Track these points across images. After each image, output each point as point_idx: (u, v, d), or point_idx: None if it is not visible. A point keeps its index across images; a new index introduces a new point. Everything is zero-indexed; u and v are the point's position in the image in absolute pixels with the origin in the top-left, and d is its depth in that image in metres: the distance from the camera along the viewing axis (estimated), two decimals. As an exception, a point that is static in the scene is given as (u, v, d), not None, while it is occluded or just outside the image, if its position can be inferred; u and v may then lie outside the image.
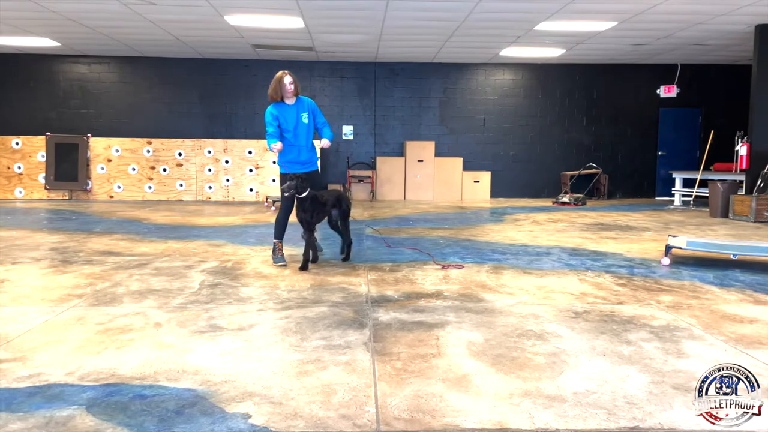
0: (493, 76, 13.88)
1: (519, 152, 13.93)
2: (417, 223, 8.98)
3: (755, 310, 4.17)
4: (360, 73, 13.67)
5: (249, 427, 2.37)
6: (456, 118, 13.85)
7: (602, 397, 2.66)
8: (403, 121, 13.84)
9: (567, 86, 13.88)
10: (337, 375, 2.90)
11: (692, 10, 8.90)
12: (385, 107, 13.80)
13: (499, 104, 13.88)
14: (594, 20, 9.58)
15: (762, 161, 9.96)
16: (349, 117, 13.80)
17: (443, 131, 13.84)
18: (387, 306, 4.19)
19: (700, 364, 3.08)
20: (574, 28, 10.13)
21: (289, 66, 13.51)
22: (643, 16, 9.19)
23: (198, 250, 6.44)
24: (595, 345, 3.39)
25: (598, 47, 11.78)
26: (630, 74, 13.67)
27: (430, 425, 2.39)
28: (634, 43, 11.39)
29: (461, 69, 13.75)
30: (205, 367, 2.99)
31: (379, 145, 13.86)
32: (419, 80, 13.75)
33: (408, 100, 13.81)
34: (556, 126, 13.97)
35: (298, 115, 5.82)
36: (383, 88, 13.76)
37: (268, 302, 4.28)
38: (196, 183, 12.70)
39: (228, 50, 12.47)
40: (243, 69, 13.49)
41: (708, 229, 8.45)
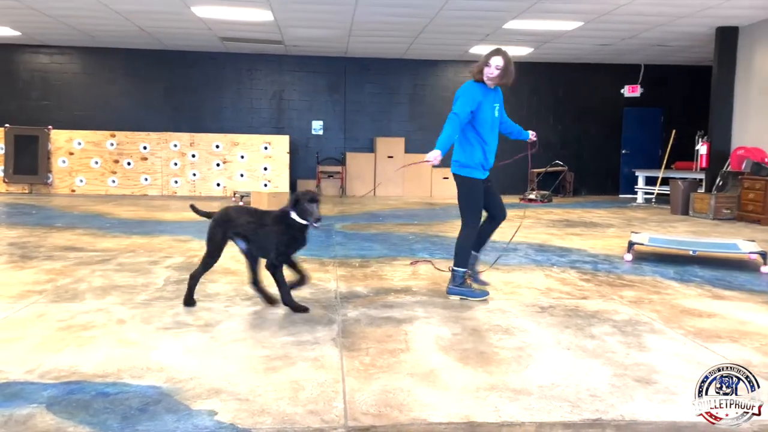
0: (463, 74, 13.95)
1: (487, 149, 14.04)
2: (386, 219, 8.99)
3: (713, 304, 4.30)
4: (330, 67, 13.60)
5: (215, 424, 2.34)
6: (426, 114, 13.90)
7: (566, 390, 2.72)
8: (374, 117, 13.83)
9: (534, 85, 14.05)
10: (305, 371, 2.89)
11: (656, 12, 9.10)
12: (355, 103, 13.77)
13: (468, 101, 13.96)
14: (561, 20, 9.72)
15: (721, 160, 10.27)
16: (318, 112, 13.73)
17: (413, 127, 13.87)
18: (356, 302, 4.19)
19: (661, 358, 3.16)
20: (542, 28, 10.26)
21: (258, 59, 13.39)
22: (608, 16, 9.36)
23: (163, 246, 6.33)
24: (560, 339, 3.45)
25: (565, 47, 11.96)
26: (595, 74, 13.91)
27: (398, 420, 2.40)
28: (600, 43, 11.59)
29: (431, 65, 13.80)
30: (170, 364, 2.95)
31: (349, 141, 13.82)
32: (389, 76, 13.76)
33: (378, 96, 13.80)
34: (524, 124, 13.82)
35: (492, 105, 4.45)
36: (353, 84, 13.72)
37: (235, 298, 4.24)
38: (161, 177, 12.47)
39: (195, 42, 12.26)
40: (211, 62, 13.29)
41: (669, 226, 8.67)
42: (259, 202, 9.93)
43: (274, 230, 3.83)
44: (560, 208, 11.07)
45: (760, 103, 9.77)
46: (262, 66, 13.48)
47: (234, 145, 12.58)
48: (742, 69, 10.15)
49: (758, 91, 9.82)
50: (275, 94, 13.62)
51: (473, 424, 2.38)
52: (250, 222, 3.89)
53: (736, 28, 10.10)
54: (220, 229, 3.92)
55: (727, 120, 10.39)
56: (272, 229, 3.84)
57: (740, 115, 10.24)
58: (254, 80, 13.53)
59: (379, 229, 7.90)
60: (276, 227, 3.84)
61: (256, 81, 13.54)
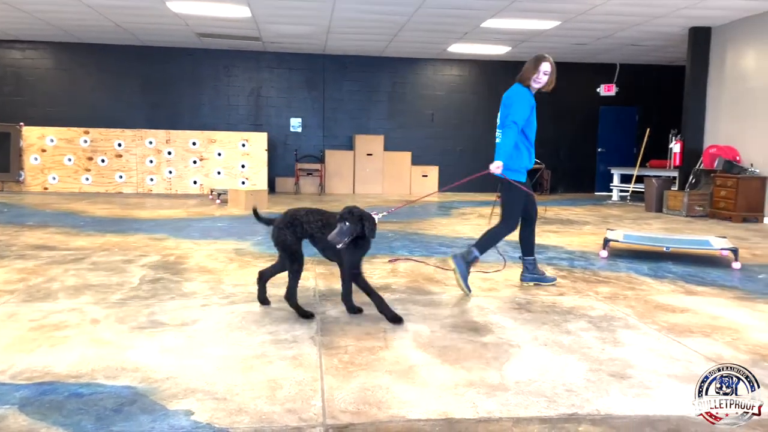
0: (442, 72, 14.01)
1: (466, 147, 14.13)
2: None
3: (686, 300, 4.38)
4: (308, 64, 13.54)
5: (192, 423, 2.32)
6: (405, 112, 13.92)
7: (543, 386, 2.74)
8: (353, 115, 13.81)
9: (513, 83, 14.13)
10: (284, 369, 2.87)
11: (631, 12, 9.23)
12: (334, 100, 13.73)
13: (447, 100, 14.03)
14: (538, 19, 9.80)
15: (694, 158, 10.46)
16: (297, 109, 13.66)
17: (392, 125, 13.88)
18: (335, 300, 4.18)
19: (635, 353, 3.21)
20: (520, 26, 10.34)
21: (236, 56, 13.28)
22: (584, 16, 9.46)
23: (138, 244, 6.25)
24: (537, 335, 3.48)
25: (542, 46, 12.06)
26: (572, 73, 14.00)
27: (377, 417, 2.41)
28: (576, 43, 11.72)
29: (410, 63, 13.82)
30: (145, 364, 2.91)
31: (328, 138, 13.78)
32: (368, 74, 13.74)
33: (357, 94, 13.78)
34: (502, 122, 14.21)
35: (535, 110, 4.64)
36: (332, 81, 13.68)
37: (212, 297, 4.20)
38: (136, 175, 12.30)
39: (171, 38, 12.11)
40: (187, 58, 13.14)
41: (643, 223, 8.81)
42: (236, 200, 9.86)
43: None
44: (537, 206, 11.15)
45: (732, 102, 9.98)
46: (239, 62, 13.37)
47: (211, 142, 12.45)
48: (715, 69, 10.34)
49: (730, 90, 10.03)
50: (253, 90, 13.52)
51: (451, 421, 2.39)
52: (319, 222, 3.73)
53: (709, 28, 10.29)
54: (290, 231, 3.71)
55: (700, 119, 10.58)
56: None
57: (712, 114, 10.44)
58: (232, 77, 13.41)
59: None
60: None
61: (233, 77, 13.42)
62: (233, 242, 6.47)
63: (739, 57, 9.83)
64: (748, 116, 9.60)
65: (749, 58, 9.64)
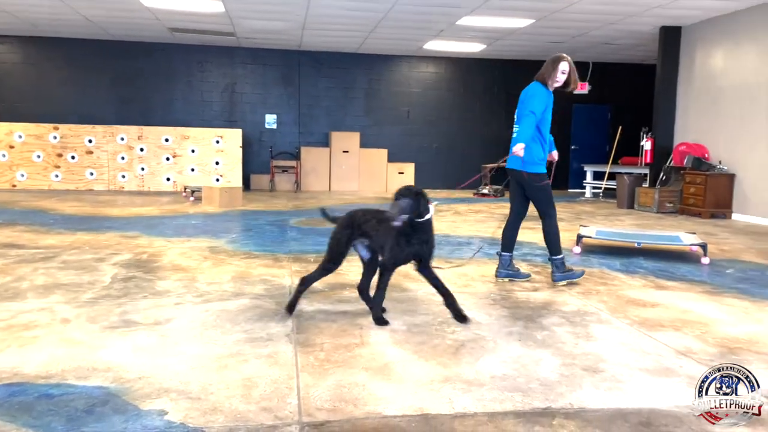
0: (417, 69, 14.03)
1: (442, 144, 14.18)
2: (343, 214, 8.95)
3: (657, 294, 4.46)
4: (283, 61, 13.45)
5: (165, 423, 2.29)
6: (381, 109, 13.92)
7: (518, 380, 2.77)
8: (328, 111, 13.75)
9: (487, 81, 14.25)
10: (259, 368, 2.85)
11: (604, 11, 9.36)
12: (309, 96, 13.65)
13: (423, 97, 14.06)
14: (513, 17, 9.87)
15: (664, 156, 10.66)
16: (272, 106, 13.56)
17: (368, 122, 13.87)
18: (311, 297, 4.16)
19: (608, 347, 3.27)
20: (495, 24, 10.40)
21: (209, 51, 13.12)
22: (559, 14, 9.56)
23: (110, 242, 6.14)
24: (511, 330, 3.52)
25: (517, 44, 12.16)
26: (546, 71, 14.19)
27: (353, 414, 2.41)
28: (551, 41, 11.84)
29: (386, 60, 13.81)
30: (117, 364, 2.86)
31: (303, 135, 13.71)
32: (344, 70, 13.70)
33: (333, 90, 13.73)
34: (477, 119, 14.32)
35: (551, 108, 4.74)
36: (308, 77, 13.60)
37: (186, 295, 4.15)
38: (108, 172, 12.09)
39: (143, 33, 11.91)
40: (159, 53, 12.94)
41: (615, 220, 8.95)
42: (210, 197, 9.75)
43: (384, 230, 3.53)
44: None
45: (701, 100, 10.18)
46: (213, 58, 13.21)
47: (184, 138, 12.29)
48: (684, 68, 10.54)
49: (699, 89, 10.23)
50: (227, 86, 13.37)
51: (427, 417, 2.40)
52: (373, 220, 3.60)
53: (679, 28, 10.48)
54: (346, 233, 3.61)
55: (670, 117, 10.78)
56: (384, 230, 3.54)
57: (682, 112, 10.65)
58: (205, 72, 13.25)
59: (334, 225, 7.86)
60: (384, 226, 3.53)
61: (207, 73, 13.26)
62: (207, 240, 6.40)
63: (708, 56, 10.04)
64: (716, 114, 9.81)
65: (718, 57, 9.84)
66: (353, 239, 3.63)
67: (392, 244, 3.49)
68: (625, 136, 12.81)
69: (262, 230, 7.26)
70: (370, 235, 3.60)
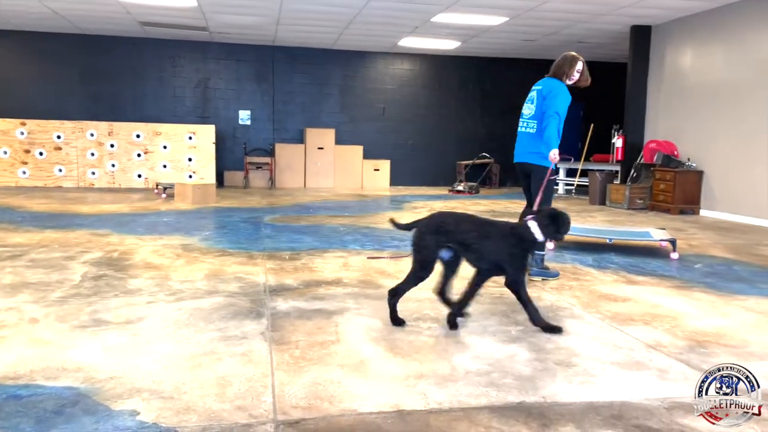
0: (393, 66, 14.03)
1: (417, 141, 14.22)
2: (317, 211, 8.93)
3: (628, 289, 4.54)
4: (257, 56, 13.32)
5: (137, 424, 2.26)
6: (356, 106, 13.88)
7: (492, 375, 2.80)
8: (304, 108, 13.67)
9: (462, 78, 14.32)
10: (233, 366, 2.83)
11: (576, 9, 9.47)
12: (284, 93, 13.56)
13: (398, 93, 14.07)
14: (487, 14, 9.93)
15: (635, 153, 10.84)
16: (246, 101, 13.42)
17: (344, 119, 13.82)
18: (286, 294, 4.14)
19: (580, 341, 3.32)
20: (469, 22, 10.45)
21: (181, 46, 12.93)
22: (532, 12, 9.65)
23: (80, 240, 6.02)
24: (486, 326, 3.55)
25: (492, 41, 12.24)
26: (520, 68, 14.28)
27: (328, 411, 2.40)
28: (524, 39, 11.94)
29: (361, 57, 13.78)
30: (88, 364, 2.81)
31: (278, 131, 13.61)
32: (319, 66, 13.62)
33: (308, 87, 13.65)
34: (453, 116, 14.39)
35: None
36: (282, 73, 13.49)
37: (158, 294, 4.09)
38: (77, 168, 11.84)
39: (113, 26, 11.67)
40: (130, 47, 12.70)
41: (588, 216, 9.08)
42: (183, 194, 9.63)
43: (506, 243, 3.44)
44: (487, 199, 11.36)
45: (670, 98, 10.38)
46: (185, 53, 13.02)
47: (156, 134, 12.10)
48: (654, 66, 10.74)
49: (668, 87, 10.43)
50: (200, 82, 13.20)
51: (402, 413, 2.41)
52: (472, 231, 3.45)
53: (650, 27, 10.66)
54: (434, 238, 3.43)
55: (641, 115, 10.97)
56: (503, 242, 3.45)
57: (652, 110, 10.84)
58: (177, 67, 13.05)
59: (309, 221, 7.83)
60: (508, 240, 3.45)
61: (179, 68, 13.06)
62: (180, 237, 6.32)
63: (677, 55, 10.23)
64: (685, 112, 10.01)
65: (686, 56, 10.04)
66: (442, 246, 3.45)
67: (516, 259, 3.46)
68: (596, 134, 12.99)
69: (236, 227, 7.20)
70: (468, 244, 3.44)
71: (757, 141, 8.57)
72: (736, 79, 8.97)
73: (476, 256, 3.47)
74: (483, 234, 3.45)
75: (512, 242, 3.45)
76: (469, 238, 3.42)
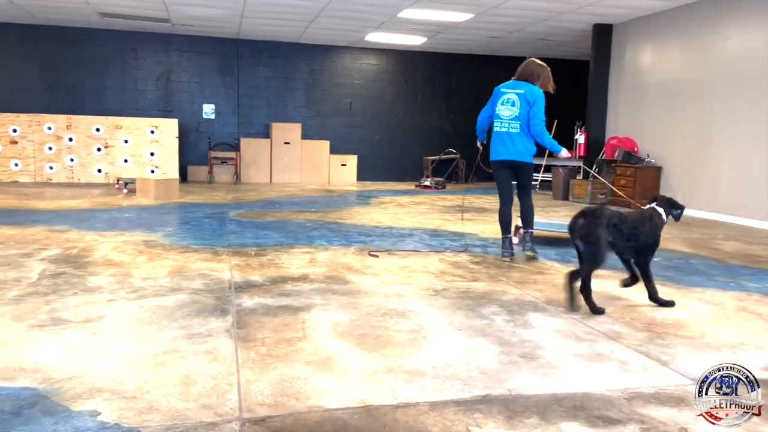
0: (359, 60, 13.99)
1: (384, 137, 14.22)
2: (284, 206, 8.86)
3: (590, 283, 4.63)
4: (221, 49, 13.11)
5: (98, 424, 2.21)
6: (323, 100, 13.80)
7: (458, 369, 2.83)
8: (269, 102, 13.53)
9: (429, 74, 14.37)
10: (198, 364, 2.79)
11: (539, 7, 9.60)
12: (249, 86, 13.38)
13: (365, 88, 14.04)
14: (453, 11, 9.98)
15: (597, 149, 11.07)
16: (210, 95, 13.20)
17: (310, 113, 13.73)
18: (251, 291, 4.10)
19: (543, 334, 3.38)
20: (435, 18, 10.49)
21: (143, 38, 12.64)
22: (496, 9, 9.74)
23: (37, 237, 5.84)
24: (452, 320, 3.58)
25: (457, 38, 12.31)
26: (485, 65, 14.44)
27: (295, 408, 2.39)
28: (489, 36, 12.05)
29: (328, 51, 13.69)
30: (46, 364, 2.73)
31: (243, 126, 13.43)
32: (285, 60, 13.49)
33: (273, 80, 13.50)
34: (419, 112, 14.44)
35: None
36: (247, 67, 13.32)
37: (119, 291, 4.00)
38: (34, 163, 11.48)
39: (71, 17, 11.33)
40: (89, 38, 12.35)
41: (551, 211, 9.24)
42: (145, 189, 9.43)
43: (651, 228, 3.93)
44: (453, 195, 11.45)
45: (630, 96, 10.63)
46: (147, 45, 12.72)
47: (117, 128, 11.81)
48: (615, 64, 10.97)
49: (629, 85, 10.67)
50: (162, 75, 12.92)
51: (369, 408, 2.41)
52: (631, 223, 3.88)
53: (611, 25, 10.88)
54: (606, 232, 3.76)
55: (602, 112, 11.20)
56: (650, 227, 3.92)
57: (613, 107, 11.08)
58: (139, 60, 12.75)
59: (275, 217, 7.77)
60: (652, 224, 3.94)
61: (140, 60, 12.77)
62: (142, 234, 6.19)
63: (637, 54, 10.47)
64: (644, 110, 10.26)
65: (646, 54, 10.29)
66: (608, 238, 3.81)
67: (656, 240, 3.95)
68: (560, 130, 13.20)
69: (201, 223, 7.09)
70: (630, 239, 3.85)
71: (713, 138, 8.85)
72: (693, 77, 9.23)
73: (632, 244, 3.87)
74: (640, 223, 3.91)
75: (655, 225, 3.95)
76: (628, 229, 3.84)
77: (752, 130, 8.19)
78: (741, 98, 8.35)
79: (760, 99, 8.06)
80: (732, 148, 8.53)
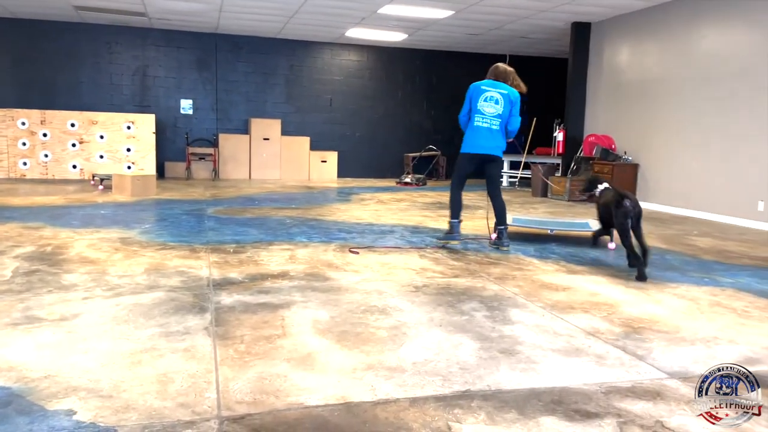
0: (340, 57, 13.94)
1: (365, 133, 14.20)
2: (263, 203, 8.80)
3: (568, 279, 4.69)
4: (199, 44, 12.96)
5: (73, 424, 2.17)
6: (303, 96, 13.73)
7: (438, 365, 2.83)
8: (248, 98, 13.41)
9: (409, 71, 14.37)
10: (175, 363, 2.76)
11: (519, 5, 9.65)
12: (227, 82, 13.25)
13: (345, 85, 13.99)
14: (433, 8, 9.99)
15: (575, 146, 11.18)
16: (187, 90, 13.05)
17: (290, 109, 13.65)
18: (230, 288, 4.07)
19: (523, 330, 3.40)
20: (416, 15, 10.49)
21: (119, 32, 12.45)
22: (476, 7, 9.77)
23: (11, 234, 5.72)
24: (432, 317, 3.59)
25: (438, 35, 12.33)
26: (466, 62, 14.47)
27: (274, 406, 2.37)
28: (469, 33, 12.09)
29: (308, 47, 13.62)
30: (20, 363, 2.68)
31: (222, 122, 13.31)
32: (264, 55, 13.39)
33: (253, 76, 13.39)
34: (399, 109, 14.44)
35: None
36: (225, 62, 13.18)
37: (95, 289, 3.94)
38: (7, 158, 11.24)
39: (45, 10, 11.11)
40: (64, 32, 12.12)
41: (530, 207, 9.31)
42: (121, 185, 9.29)
43: None
44: (434, 191, 11.47)
45: (608, 94, 10.75)
46: (123, 39, 12.53)
47: (92, 123, 11.62)
48: (593, 62, 11.08)
49: (606, 83, 10.79)
50: (138, 69, 12.74)
51: (350, 405, 2.41)
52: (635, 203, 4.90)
53: (589, 24, 10.99)
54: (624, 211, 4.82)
55: (580, 109, 11.32)
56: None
57: (591, 105, 11.20)
58: (114, 54, 12.55)
59: (255, 214, 7.71)
60: None
61: (116, 55, 12.56)
62: (118, 230, 6.10)
63: (614, 52, 10.59)
64: (621, 108, 10.39)
65: (623, 53, 10.41)
66: None
67: None
68: (539, 127, 13.29)
69: (178, 220, 7.01)
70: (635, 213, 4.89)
71: (688, 135, 8.99)
72: (669, 75, 9.37)
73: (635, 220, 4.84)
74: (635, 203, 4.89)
75: None
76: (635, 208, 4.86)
77: (727, 128, 8.35)
78: (716, 96, 8.50)
79: (735, 97, 8.21)
80: (707, 146, 8.68)
